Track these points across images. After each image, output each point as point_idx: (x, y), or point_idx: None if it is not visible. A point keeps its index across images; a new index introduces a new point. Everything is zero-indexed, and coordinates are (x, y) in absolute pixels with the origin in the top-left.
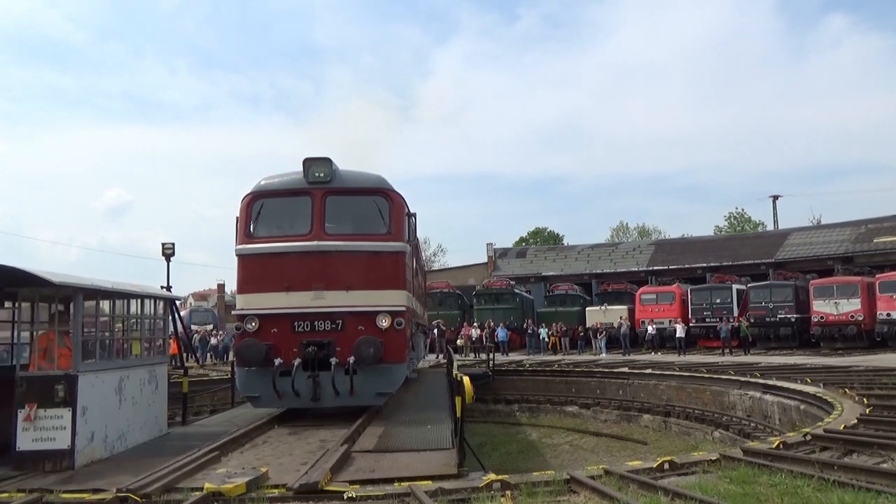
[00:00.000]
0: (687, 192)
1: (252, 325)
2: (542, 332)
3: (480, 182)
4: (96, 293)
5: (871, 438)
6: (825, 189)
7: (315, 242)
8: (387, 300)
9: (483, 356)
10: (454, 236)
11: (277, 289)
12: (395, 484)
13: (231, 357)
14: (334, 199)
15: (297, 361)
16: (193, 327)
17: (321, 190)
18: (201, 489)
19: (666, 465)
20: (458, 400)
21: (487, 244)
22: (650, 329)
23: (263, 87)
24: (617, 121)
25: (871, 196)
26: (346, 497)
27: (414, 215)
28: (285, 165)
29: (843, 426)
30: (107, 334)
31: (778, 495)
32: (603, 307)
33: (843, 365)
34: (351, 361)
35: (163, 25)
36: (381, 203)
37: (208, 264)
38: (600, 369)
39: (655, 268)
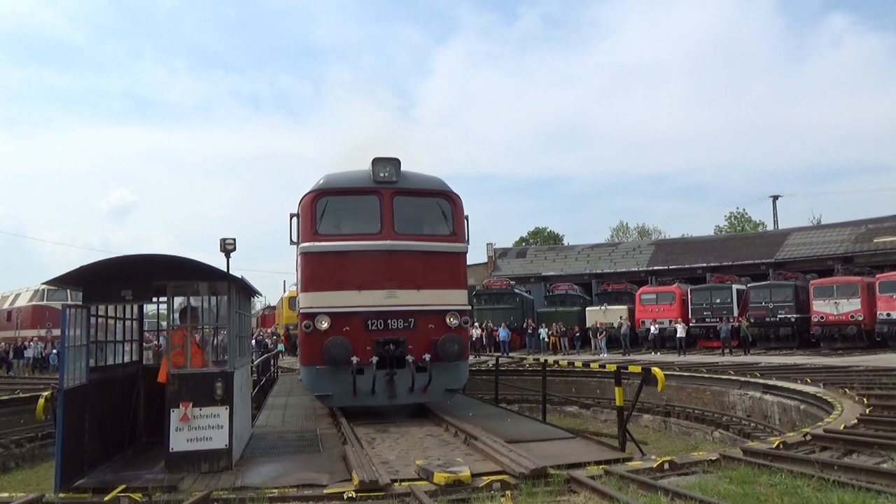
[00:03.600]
0: (687, 192)
1: (324, 324)
2: (542, 332)
3: (480, 182)
4: (240, 288)
5: (871, 438)
6: (825, 189)
7: (388, 242)
8: (453, 299)
9: (482, 357)
10: None
11: (349, 287)
12: (592, 467)
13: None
14: (401, 199)
15: (374, 359)
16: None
17: (389, 190)
18: (419, 480)
19: (666, 465)
20: (618, 391)
21: (487, 244)
22: (652, 329)
23: (264, 87)
24: (617, 121)
25: (871, 196)
26: (345, 497)
27: (467, 217)
28: (285, 165)
29: (843, 426)
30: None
31: (778, 495)
32: (603, 307)
33: (843, 365)
34: (427, 359)
35: (162, 25)
36: (445, 205)
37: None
38: (600, 369)
39: (655, 268)
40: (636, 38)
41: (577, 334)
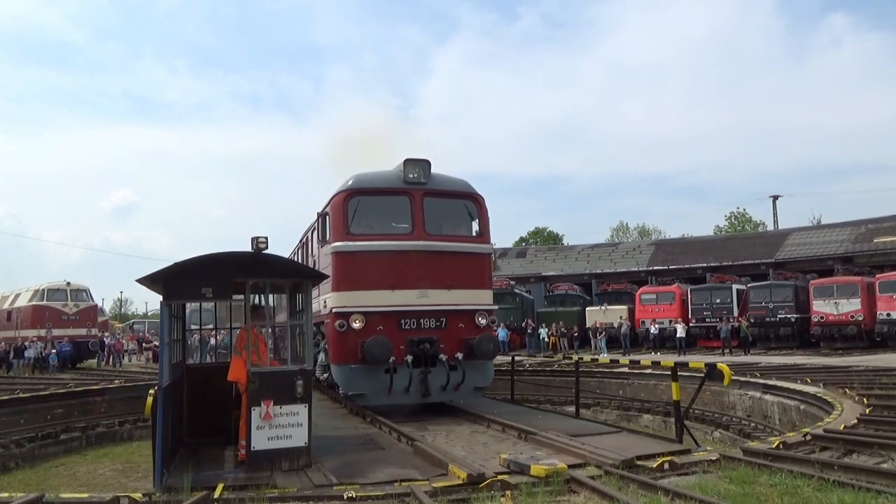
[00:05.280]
0: (687, 192)
1: (358, 324)
2: (542, 332)
3: (480, 182)
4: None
5: (871, 438)
6: (825, 189)
7: (421, 242)
8: (481, 299)
9: None
10: None
11: (382, 286)
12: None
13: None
14: (430, 200)
15: (409, 358)
16: (193, 327)
17: (419, 191)
18: (512, 473)
19: (666, 465)
20: (675, 386)
21: None
22: (652, 329)
23: (264, 87)
24: (617, 121)
25: (871, 196)
26: (346, 497)
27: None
28: (285, 165)
29: (843, 426)
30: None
31: (778, 495)
32: (603, 307)
33: (843, 365)
34: (460, 357)
35: (162, 25)
36: (471, 207)
37: None
38: (600, 369)
39: (655, 268)
40: (636, 38)
41: (577, 334)
